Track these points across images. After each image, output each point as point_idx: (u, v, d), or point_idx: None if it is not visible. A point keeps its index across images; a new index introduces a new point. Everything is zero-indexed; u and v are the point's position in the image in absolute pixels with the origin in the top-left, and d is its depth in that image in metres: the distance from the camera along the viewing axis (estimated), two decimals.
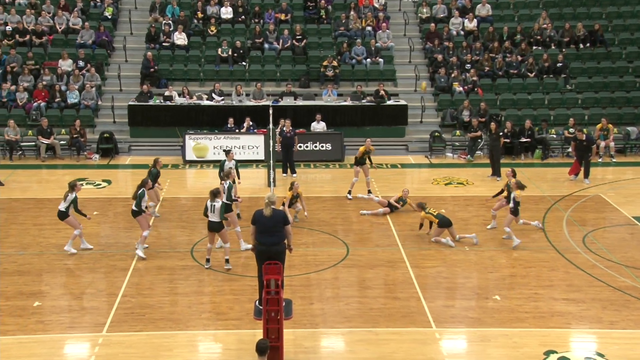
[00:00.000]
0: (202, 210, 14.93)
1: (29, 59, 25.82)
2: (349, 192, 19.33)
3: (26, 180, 20.91)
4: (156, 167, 17.57)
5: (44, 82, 25.04)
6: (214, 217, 14.47)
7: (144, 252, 15.29)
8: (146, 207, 15.44)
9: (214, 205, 14.42)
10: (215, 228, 14.59)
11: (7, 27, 26.74)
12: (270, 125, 20.25)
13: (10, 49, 25.94)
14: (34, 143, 23.42)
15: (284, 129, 21.45)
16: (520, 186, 16.08)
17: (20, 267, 14.74)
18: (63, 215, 15.32)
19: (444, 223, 16.14)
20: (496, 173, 21.24)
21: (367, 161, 19.29)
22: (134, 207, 15.25)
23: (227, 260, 14.73)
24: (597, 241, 16.49)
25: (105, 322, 12.48)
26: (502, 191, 17.16)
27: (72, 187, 15.33)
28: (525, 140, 23.79)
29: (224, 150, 19.13)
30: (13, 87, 24.76)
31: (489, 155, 21.86)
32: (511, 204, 16.15)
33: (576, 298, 13.56)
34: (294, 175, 21.49)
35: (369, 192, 19.20)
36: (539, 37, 27.95)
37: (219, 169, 18.07)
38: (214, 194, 14.53)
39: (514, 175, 16.91)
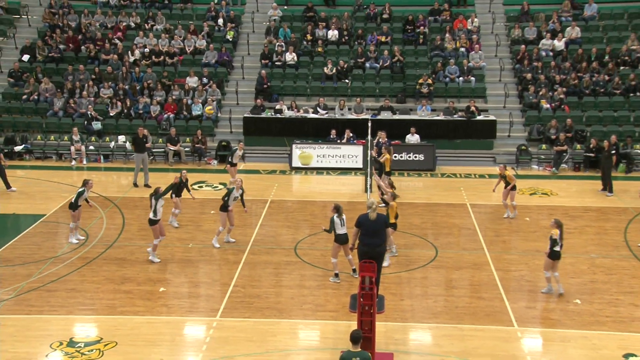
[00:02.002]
0: (306, 212, 15.06)
1: (163, 76, 26.96)
2: None
3: (156, 182, 21.71)
4: (181, 178, 17.21)
5: (174, 97, 26.07)
6: (343, 230, 13.64)
7: (156, 256, 15.04)
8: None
9: (343, 218, 13.64)
10: (344, 241, 13.73)
11: (146, 49, 28.08)
12: (369, 137, 20.30)
13: (147, 67, 27.18)
14: (163, 149, 24.43)
15: (380, 140, 21.44)
16: (558, 224, 13.02)
17: (147, 256, 15.37)
18: (72, 206, 15.80)
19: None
20: (607, 188, 20.18)
21: None
22: (150, 216, 14.89)
23: (354, 270, 14.04)
24: None
25: (219, 309, 12.87)
26: (499, 182, 17.89)
27: (85, 182, 15.98)
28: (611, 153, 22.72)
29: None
30: (148, 101, 25.93)
31: (601, 170, 20.73)
32: (548, 248, 13.19)
33: None
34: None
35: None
36: (627, 58, 26.67)
37: (230, 155, 20.45)
38: (338, 208, 13.71)
39: (506, 168, 17.51)
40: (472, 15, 28.81)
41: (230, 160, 20.74)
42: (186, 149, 24.40)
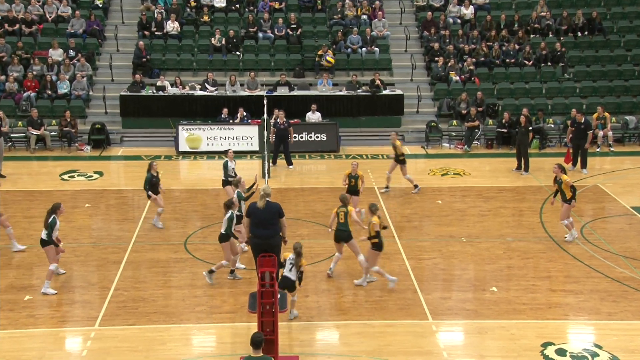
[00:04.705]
0: (196, 202, 14.86)
1: (18, 48, 25.70)
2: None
3: (16, 172, 20.84)
4: (150, 171, 16.58)
5: (34, 72, 24.95)
6: (221, 229, 13.48)
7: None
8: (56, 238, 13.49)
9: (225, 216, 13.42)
10: (220, 239, 13.65)
11: None
12: (265, 116, 20.22)
13: (0, 38, 25.80)
14: (24, 134, 23.34)
15: (278, 120, 21.41)
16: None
17: (10, 260, 14.72)
18: (44, 243, 13.37)
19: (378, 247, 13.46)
20: (523, 167, 20.91)
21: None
22: (43, 236, 13.31)
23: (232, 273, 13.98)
24: (595, 232, 16.54)
25: (98, 316, 12.49)
26: (556, 191, 16.04)
27: (54, 209, 13.57)
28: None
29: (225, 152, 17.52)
30: (2, 77, 24.67)
31: (517, 149, 21.34)
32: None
33: (574, 289, 13.61)
34: (290, 167, 21.47)
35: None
36: (536, 26, 27.92)
37: (223, 171, 17.10)
38: (227, 205, 13.51)
39: (563, 171, 16.02)
40: None
41: (225, 176, 17.13)
42: (52, 133, 23.41)
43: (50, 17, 27.15)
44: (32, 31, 26.57)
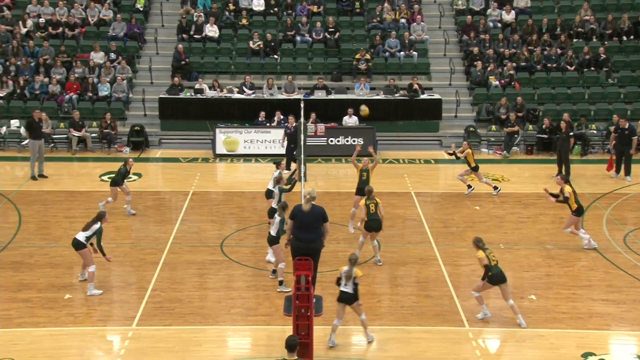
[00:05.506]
0: (232, 205, 14.95)
1: (61, 51, 26.16)
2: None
3: (58, 173, 21.21)
4: (126, 167, 17.52)
5: (76, 75, 25.36)
6: (272, 231, 13.42)
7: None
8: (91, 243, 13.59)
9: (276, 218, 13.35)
10: (270, 242, 13.71)
11: (41, 20, 27.14)
12: (302, 119, 20.27)
13: (44, 41, 26.31)
14: (65, 136, 23.75)
15: (288, 125, 21.40)
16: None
17: (51, 259, 14.99)
18: (79, 246, 13.44)
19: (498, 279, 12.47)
20: (563, 173, 20.50)
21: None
22: (80, 239, 13.41)
23: (274, 272, 14.04)
24: (638, 241, 16.24)
25: (135, 316, 12.64)
26: (557, 195, 15.93)
27: (100, 217, 13.66)
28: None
29: (274, 163, 17.02)
30: (46, 80, 25.13)
31: (557, 155, 21.11)
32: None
33: (616, 299, 13.38)
34: (287, 171, 20.93)
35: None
36: (580, 30, 27.55)
37: (273, 182, 15.84)
38: (282, 208, 13.46)
39: (567, 182, 16.02)
40: None
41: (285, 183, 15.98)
42: (93, 134, 23.77)
43: (92, 20, 27.60)
44: (75, 34, 27.03)
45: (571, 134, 21.26)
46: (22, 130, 23.22)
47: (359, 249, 14.68)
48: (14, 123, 23.93)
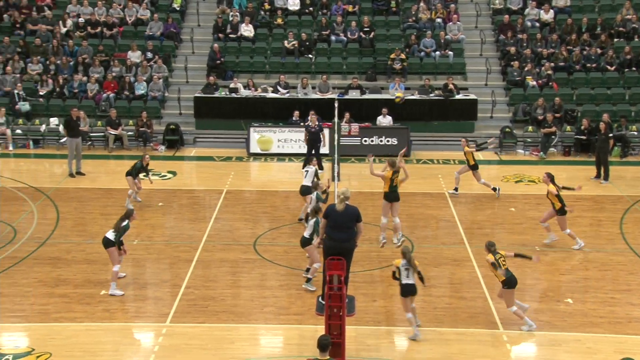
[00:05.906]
0: (266, 204, 15.01)
1: (99, 50, 26.51)
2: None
3: (95, 171, 21.49)
4: (142, 162, 17.93)
5: (114, 74, 25.67)
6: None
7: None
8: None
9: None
10: (303, 243, 13.61)
11: (80, 19, 27.55)
12: (336, 119, 20.25)
13: (82, 40, 26.69)
14: (102, 134, 24.06)
15: (310, 123, 21.30)
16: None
17: (88, 255, 15.19)
18: (108, 244, 13.38)
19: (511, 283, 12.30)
20: (602, 175, 20.31)
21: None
22: (110, 237, 13.35)
23: (307, 271, 13.93)
24: None
25: (169, 313, 12.75)
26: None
27: (128, 215, 13.65)
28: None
29: (305, 162, 17.09)
30: (84, 78, 25.49)
31: (596, 156, 20.81)
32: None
33: None
34: (321, 171, 21.01)
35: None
36: (621, 29, 27.09)
37: (309, 177, 16.41)
38: (315, 211, 13.47)
39: (552, 180, 15.70)
40: None
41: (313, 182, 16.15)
42: (129, 133, 24.06)
43: (130, 20, 27.92)
44: (113, 34, 27.36)
45: (610, 135, 20.92)
46: (61, 128, 23.58)
47: (383, 232, 15.22)
48: (53, 121, 24.33)
